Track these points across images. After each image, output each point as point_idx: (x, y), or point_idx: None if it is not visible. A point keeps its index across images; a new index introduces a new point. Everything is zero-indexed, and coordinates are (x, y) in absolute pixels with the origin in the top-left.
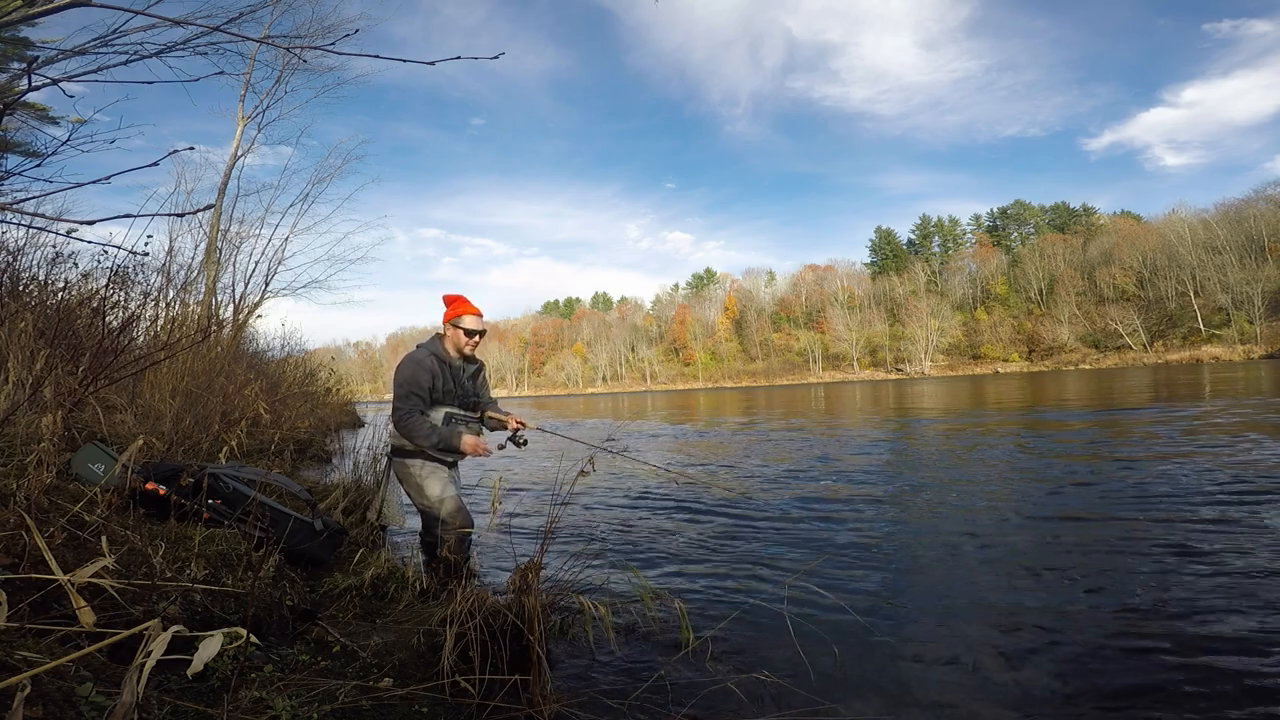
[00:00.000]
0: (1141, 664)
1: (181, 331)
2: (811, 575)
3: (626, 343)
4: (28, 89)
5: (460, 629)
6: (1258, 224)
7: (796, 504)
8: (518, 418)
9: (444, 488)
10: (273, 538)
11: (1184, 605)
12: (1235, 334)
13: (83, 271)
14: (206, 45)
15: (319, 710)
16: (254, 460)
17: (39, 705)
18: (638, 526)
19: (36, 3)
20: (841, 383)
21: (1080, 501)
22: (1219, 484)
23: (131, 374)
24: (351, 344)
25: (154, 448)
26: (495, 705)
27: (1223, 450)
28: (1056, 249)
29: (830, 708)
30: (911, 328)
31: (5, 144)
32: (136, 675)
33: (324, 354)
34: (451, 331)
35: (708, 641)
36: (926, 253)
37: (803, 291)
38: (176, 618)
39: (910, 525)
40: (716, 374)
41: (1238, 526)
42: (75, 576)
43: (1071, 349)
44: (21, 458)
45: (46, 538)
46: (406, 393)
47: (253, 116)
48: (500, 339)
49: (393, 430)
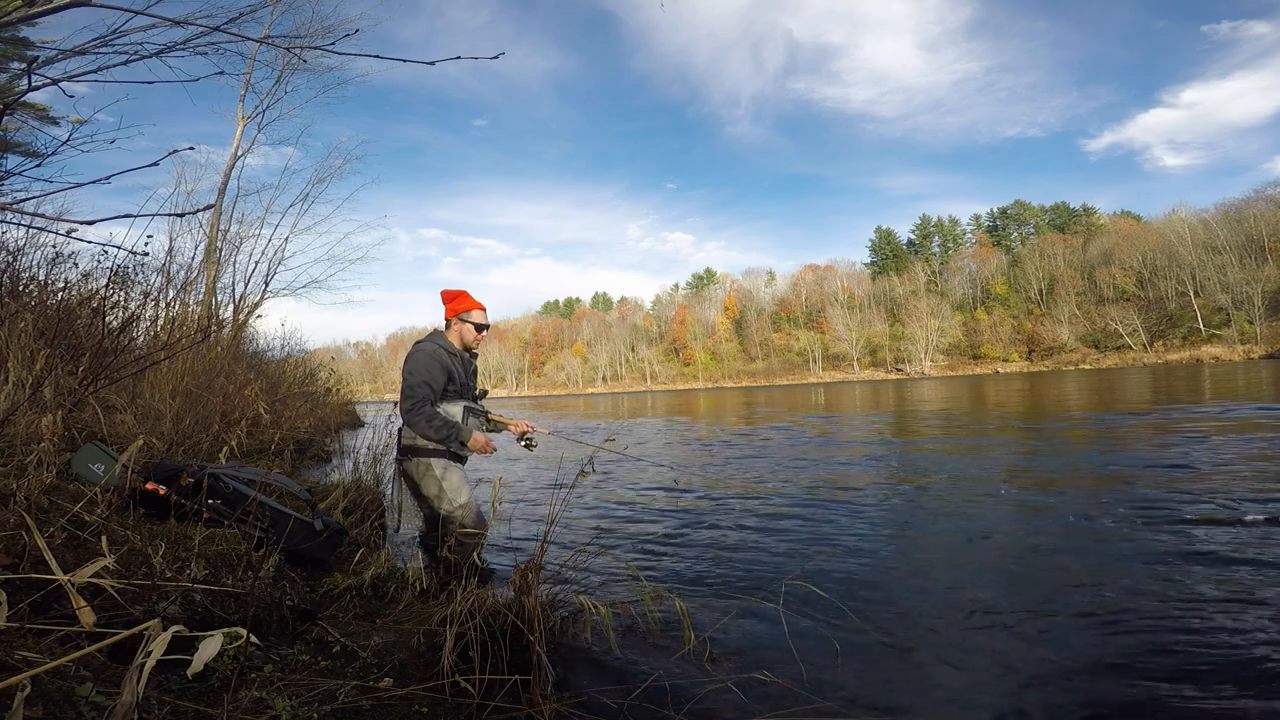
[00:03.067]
0: (1143, 667)
1: (181, 331)
2: (811, 575)
3: (626, 343)
4: (28, 89)
5: (460, 629)
6: (1257, 224)
7: (796, 504)
8: (527, 422)
9: (468, 490)
10: (273, 538)
11: (1192, 610)
12: (1235, 334)
13: (83, 271)
14: (206, 45)
15: (319, 710)
16: (254, 460)
17: (39, 705)
18: (638, 526)
19: (36, 3)
20: (841, 383)
21: (1082, 503)
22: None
23: (131, 374)
24: (352, 344)
25: (154, 448)
26: (495, 705)
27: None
28: (1056, 249)
29: (830, 708)
30: (911, 328)
31: (5, 144)
32: (136, 675)
33: (324, 354)
34: (460, 326)
35: (707, 641)
36: (926, 253)
37: (803, 291)
38: (176, 618)
39: (910, 526)
40: (716, 374)
41: (1249, 530)
42: (75, 576)
43: (1071, 349)
44: (21, 458)
45: (46, 538)
46: (419, 381)
47: (253, 116)
48: (500, 339)
49: (406, 430)
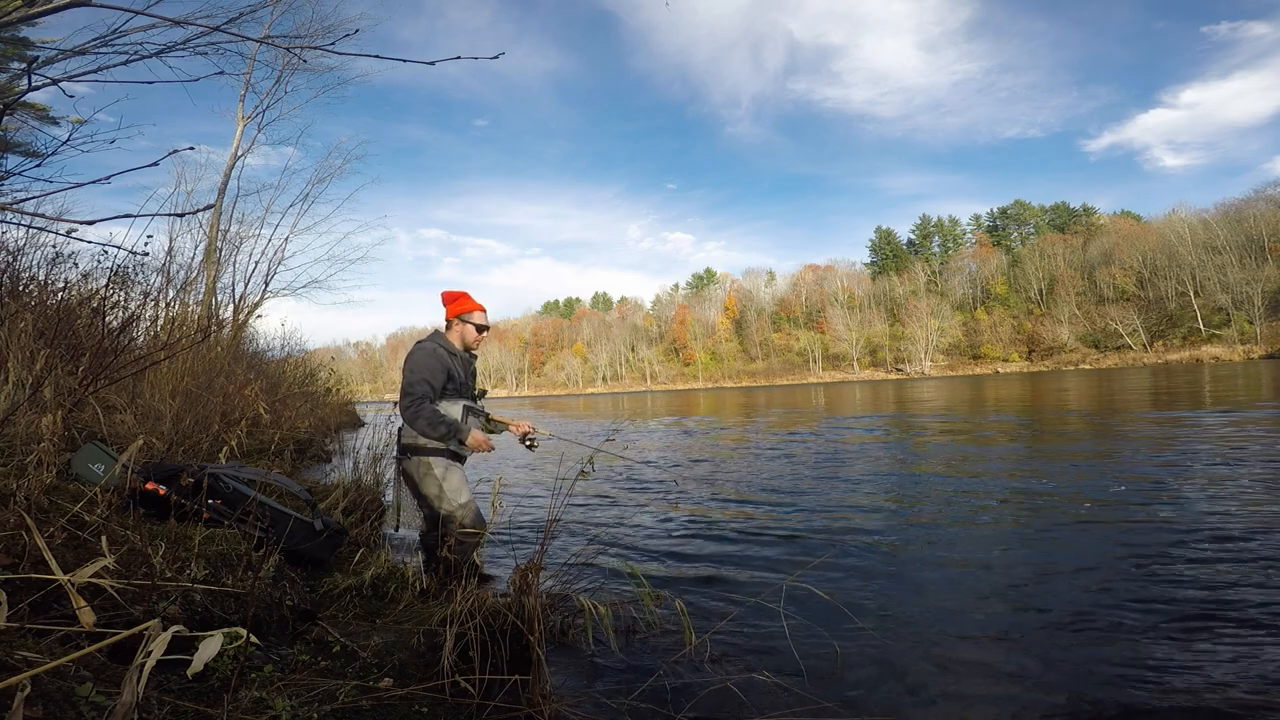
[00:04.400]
0: (1143, 672)
1: (181, 331)
2: (811, 576)
3: (626, 343)
4: (28, 89)
5: (460, 629)
6: (1257, 224)
7: (796, 504)
8: (528, 423)
9: (468, 490)
10: (273, 538)
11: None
12: (1235, 334)
13: (83, 271)
14: (206, 45)
15: (319, 710)
16: (254, 460)
17: (39, 705)
18: (638, 526)
19: (36, 3)
20: (841, 383)
21: (1085, 503)
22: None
23: (131, 374)
24: (351, 344)
25: (154, 448)
26: (495, 705)
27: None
28: (1056, 249)
29: (830, 708)
30: (911, 328)
31: (5, 144)
32: (136, 675)
33: (324, 354)
34: (461, 327)
35: (707, 641)
36: (926, 253)
37: (803, 291)
38: (176, 618)
39: (910, 526)
40: (716, 374)
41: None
42: (75, 576)
43: (1071, 349)
44: (21, 458)
45: (46, 538)
46: (420, 380)
47: (253, 116)
48: (500, 339)
49: (406, 429)
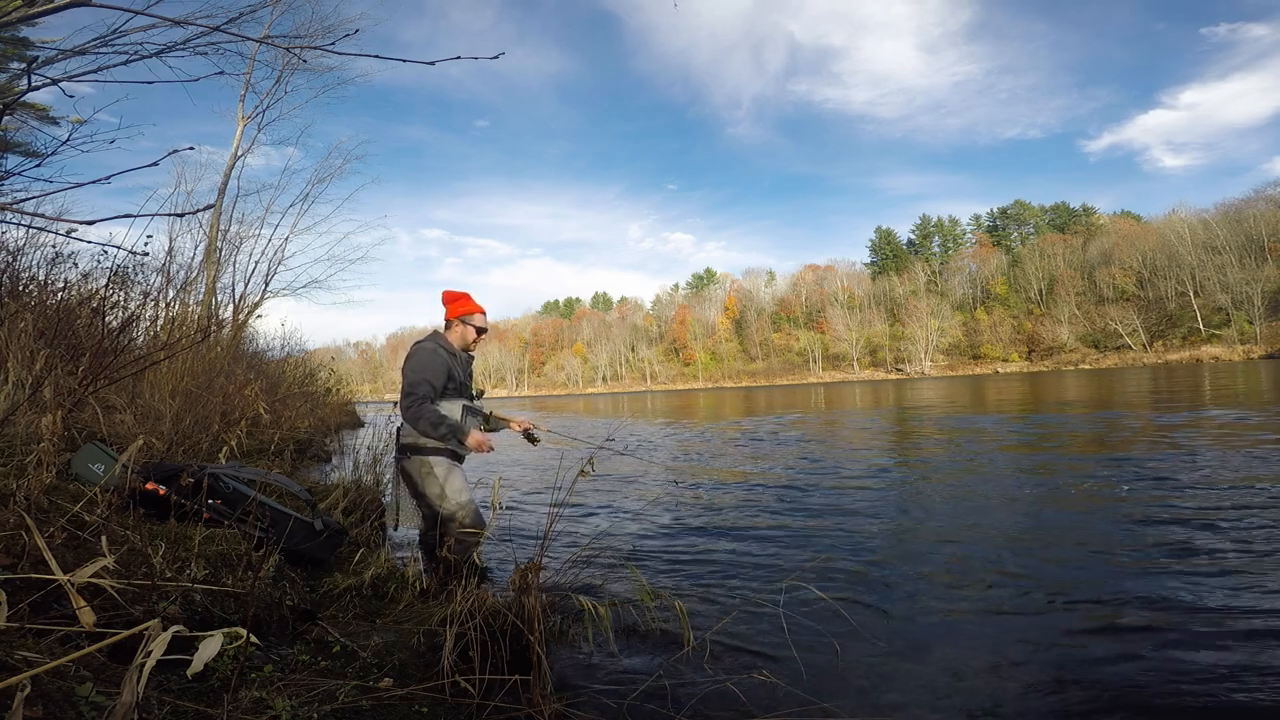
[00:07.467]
0: (1148, 671)
1: (181, 331)
2: (810, 576)
3: (626, 343)
4: (28, 89)
5: (460, 629)
6: (1257, 224)
7: (796, 504)
8: (529, 420)
9: (468, 489)
10: (273, 538)
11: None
12: (1235, 334)
13: (83, 271)
14: (206, 45)
15: (319, 710)
16: (254, 460)
17: (39, 705)
18: (638, 526)
19: (36, 3)
20: (841, 383)
21: (1086, 504)
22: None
23: (131, 374)
24: (352, 344)
25: (154, 448)
26: (495, 705)
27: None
28: (1056, 249)
29: (829, 708)
30: (911, 328)
31: (5, 144)
32: (136, 675)
33: (324, 354)
34: (461, 328)
35: (707, 641)
36: (926, 253)
37: (803, 291)
38: (176, 618)
39: (910, 526)
40: (716, 374)
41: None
42: (75, 576)
43: (1071, 349)
44: (21, 458)
45: (46, 538)
46: (420, 379)
47: (253, 116)
48: (500, 339)
49: (405, 428)
